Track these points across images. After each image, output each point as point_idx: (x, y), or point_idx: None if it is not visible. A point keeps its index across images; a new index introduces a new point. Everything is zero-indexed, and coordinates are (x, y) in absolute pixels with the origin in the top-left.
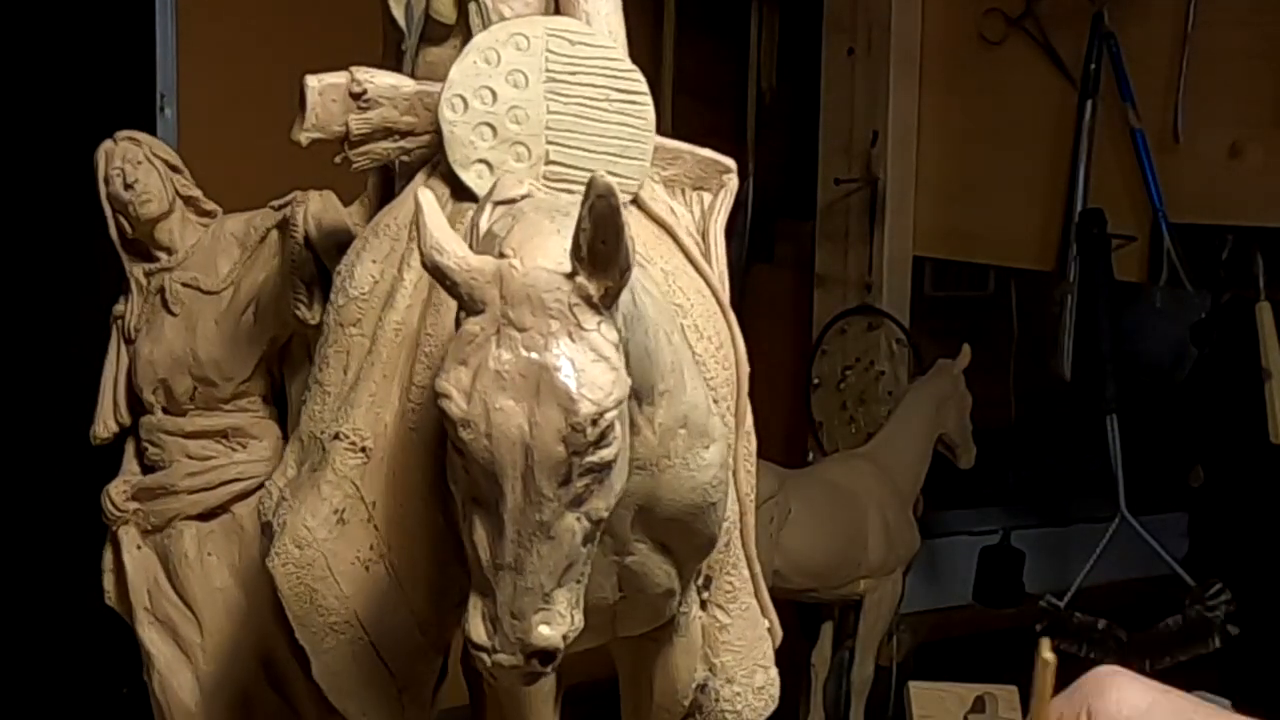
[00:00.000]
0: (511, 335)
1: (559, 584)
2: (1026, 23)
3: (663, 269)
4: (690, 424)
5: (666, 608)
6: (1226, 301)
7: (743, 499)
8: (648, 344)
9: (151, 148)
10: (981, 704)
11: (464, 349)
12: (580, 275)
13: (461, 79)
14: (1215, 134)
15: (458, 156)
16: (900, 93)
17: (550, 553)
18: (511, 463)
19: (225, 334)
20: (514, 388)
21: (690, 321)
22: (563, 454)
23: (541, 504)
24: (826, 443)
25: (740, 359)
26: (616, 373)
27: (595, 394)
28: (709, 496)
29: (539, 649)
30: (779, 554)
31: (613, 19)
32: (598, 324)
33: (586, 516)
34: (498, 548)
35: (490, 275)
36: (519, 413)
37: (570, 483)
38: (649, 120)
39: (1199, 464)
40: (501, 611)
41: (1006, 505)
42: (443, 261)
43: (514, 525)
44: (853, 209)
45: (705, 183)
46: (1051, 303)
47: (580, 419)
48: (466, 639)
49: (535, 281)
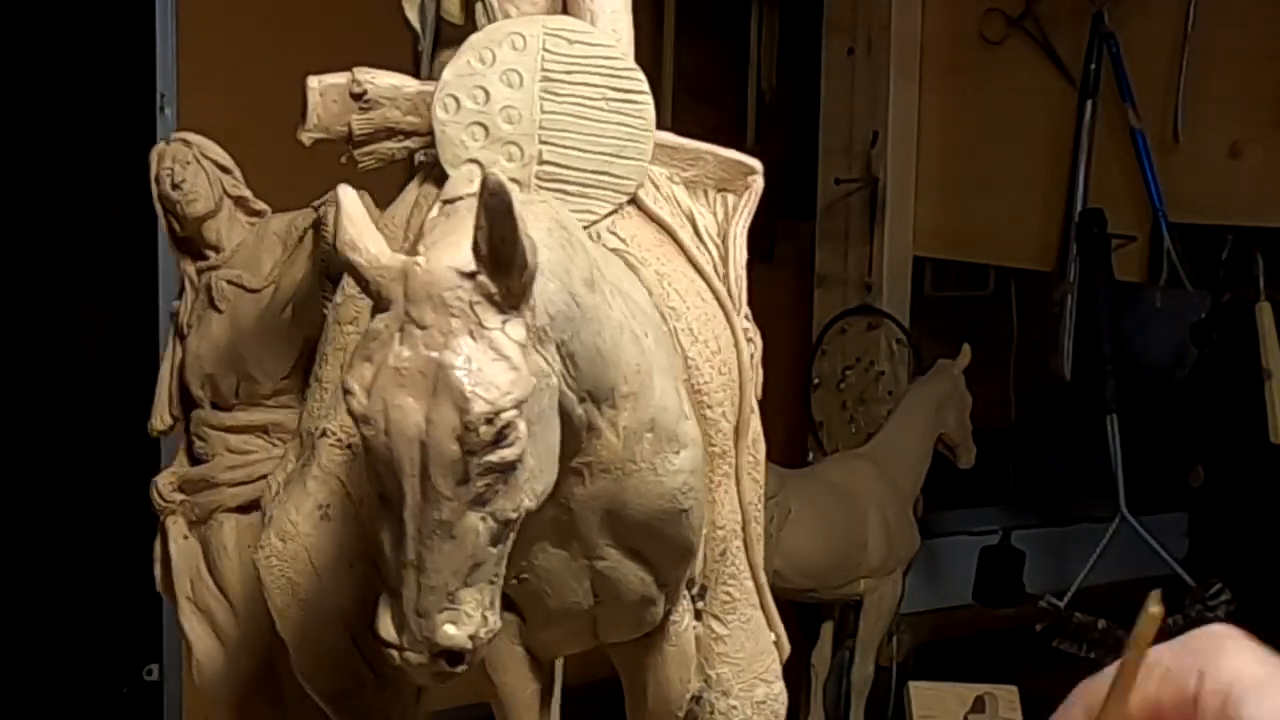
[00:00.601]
0: (413, 333)
1: (465, 584)
2: (1026, 23)
3: (657, 271)
4: (658, 428)
5: (647, 615)
6: (1226, 301)
7: (746, 508)
8: (600, 345)
9: (202, 149)
10: (981, 704)
11: (369, 346)
12: (482, 274)
13: (455, 79)
14: (1215, 134)
15: (449, 156)
16: (900, 93)
17: (453, 551)
18: (410, 460)
19: (266, 331)
20: (413, 385)
21: (684, 325)
22: (457, 452)
23: (440, 502)
24: (826, 443)
25: (744, 365)
26: (517, 373)
27: (490, 393)
28: (679, 503)
29: (445, 648)
30: (779, 554)
31: (619, 19)
32: (502, 323)
33: (492, 517)
34: (402, 546)
35: (396, 273)
36: (417, 410)
37: (469, 482)
38: (647, 120)
39: (1199, 464)
40: (407, 609)
41: (1006, 505)
42: (354, 259)
43: (414, 523)
44: (853, 209)
45: (729, 184)
46: (1051, 303)
47: (473, 417)
48: (376, 635)
49: (437, 280)
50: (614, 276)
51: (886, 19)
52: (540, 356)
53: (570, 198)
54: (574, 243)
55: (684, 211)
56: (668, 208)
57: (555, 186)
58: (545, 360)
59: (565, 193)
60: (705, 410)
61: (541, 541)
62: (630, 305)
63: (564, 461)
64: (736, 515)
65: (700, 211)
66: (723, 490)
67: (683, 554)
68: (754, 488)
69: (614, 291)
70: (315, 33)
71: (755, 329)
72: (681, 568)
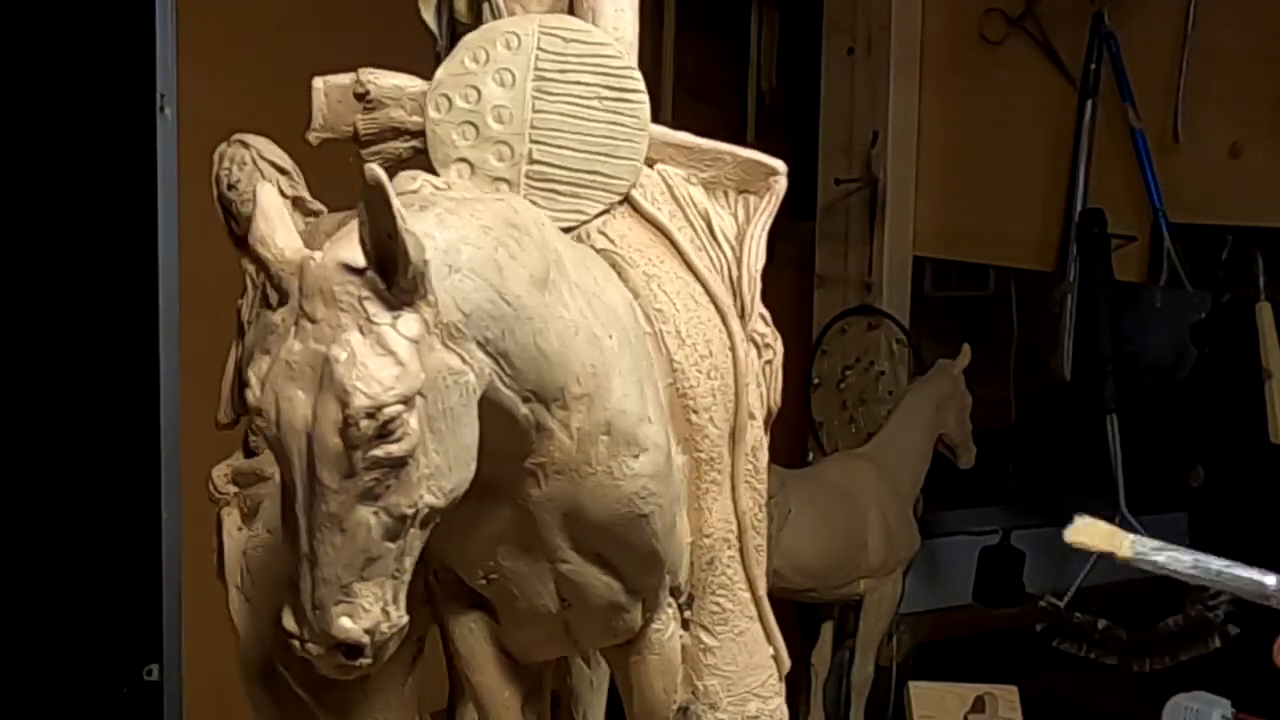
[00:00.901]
0: (305, 327)
1: (361, 578)
2: (1026, 23)
3: (645, 272)
4: (614, 431)
5: (619, 621)
6: (1226, 301)
7: (741, 517)
8: (542, 344)
9: (260, 150)
10: (981, 704)
11: (267, 339)
12: (371, 269)
13: (448, 78)
14: (1215, 134)
15: (439, 155)
16: (900, 93)
17: (345, 545)
18: (298, 452)
19: None
20: (302, 378)
21: (671, 328)
22: (340, 446)
23: (327, 495)
24: (826, 443)
25: (740, 370)
26: (403, 368)
27: (372, 388)
28: (637, 508)
29: (340, 641)
30: (779, 554)
31: (622, 18)
32: (393, 319)
33: (385, 512)
34: (297, 538)
35: (294, 267)
36: (305, 404)
37: (355, 476)
38: (641, 119)
39: (1199, 464)
40: (304, 601)
41: (1006, 505)
42: (261, 253)
43: (304, 515)
44: (853, 209)
45: (750, 185)
46: (1051, 303)
47: (353, 411)
48: (280, 627)
49: (328, 274)
50: (585, 277)
51: (886, 19)
52: (454, 353)
53: (560, 197)
54: (526, 242)
55: (700, 213)
56: (667, 209)
57: (546, 186)
58: (461, 357)
59: (556, 192)
60: (690, 415)
61: (506, 543)
62: (595, 306)
63: (515, 462)
64: (729, 524)
65: (718, 213)
66: (710, 498)
67: (648, 560)
68: (752, 497)
69: (574, 291)
70: (316, 32)
71: (775, 334)
72: (650, 574)
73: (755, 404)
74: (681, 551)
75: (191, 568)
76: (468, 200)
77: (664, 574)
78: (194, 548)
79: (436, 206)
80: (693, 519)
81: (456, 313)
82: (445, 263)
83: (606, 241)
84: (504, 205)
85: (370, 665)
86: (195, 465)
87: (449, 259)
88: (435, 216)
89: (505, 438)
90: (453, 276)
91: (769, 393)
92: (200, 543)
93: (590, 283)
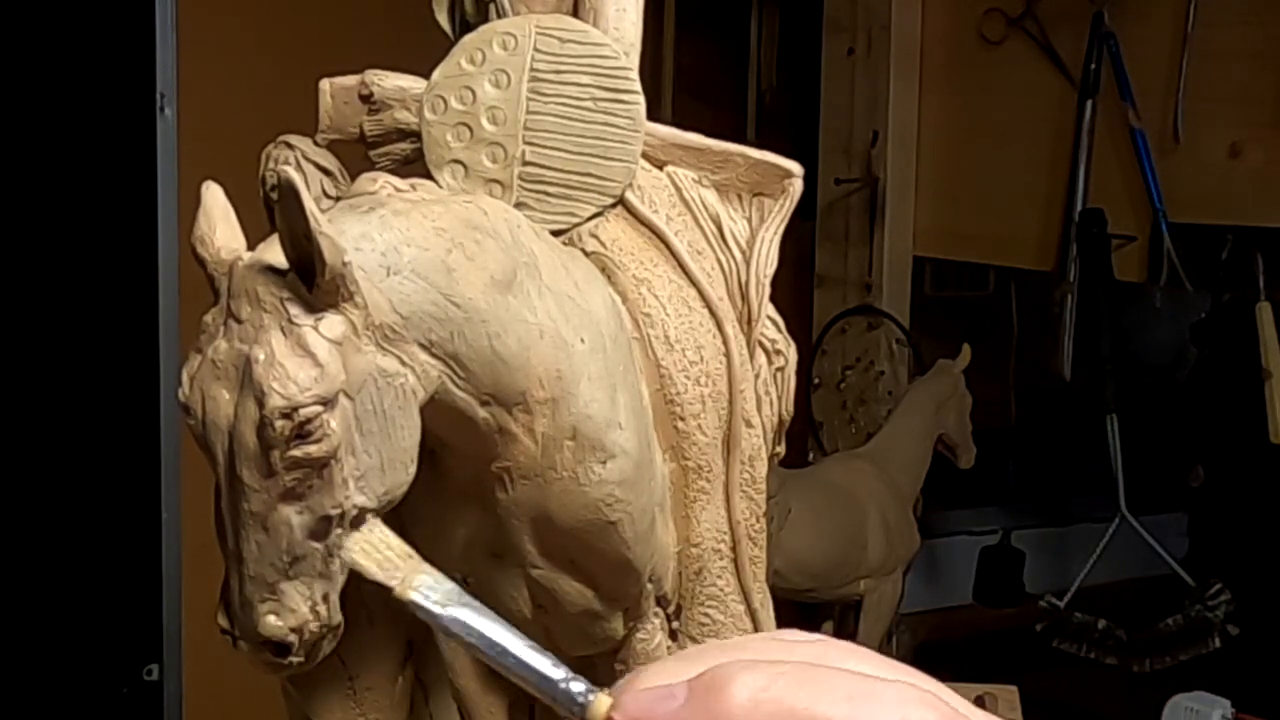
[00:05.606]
0: (232, 326)
1: (287, 577)
2: (1026, 23)
3: (635, 276)
4: (580, 436)
5: (597, 630)
6: (1226, 301)
7: (735, 527)
8: (498, 348)
9: (304, 151)
10: (981, 704)
11: (200, 338)
12: (292, 271)
13: (444, 79)
14: (1215, 134)
15: (433, 157)
16: (900, 93)
17: (268, 544)
18: (222, 450)
19: None
20: (226, 378)
21: (659, 333)
22: (257, 446)
23: (249, 494)
24: (826, 443)
25: (734, 377)
26: (321, 370)
27: (288, 389)
28: (604, 515)
29: (266, 639)
30: (779, 554)
31: (624, 19)
32: (315, 320)
33: (310, 511)
34: (224, 536)
35: (226, 267)
36: (228, 403)
37: (275, 475)
38: (636, 120)
39: (1199, 464)
40: (233, 598)
41: (1006, 505)
42: (199, 252)
43: (228, 513)
44: (853, 209)
45: (764, 188)
46: (1051, 303)
47: (268, 411)
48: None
49: (254, 275)
50: (562, 279)
51: (886, 19)
52: (391, 355)
53: (552, 199)
54: (489, 244)
55: (711, 215)
56: (669, 211)
57: (538, 188)
58: (400, 359)
59: (547, 194)
60: (678, 422)
61: (478, 547)
62: (567, 308)
63: (483, 464)
64: (721, 534)
65: (730, 216)
66: (699, 506)
67: (619, 568)
68: (748, 506)
69: (544, 293)
70: (316, 32)
71: (788, 340)
72: (625, 583)
73: (752, 411)
74: (665, 560)
75: (191, 568)
76: (427, 202)
77: (643, 582)
78: (194, 548)
79: (384, 208)
80: (680, 527)
81: (393, 314)
82: (383, 265)
83: (598, 244)
84: (469, 208)
85: (303, 664)
86: (195, 465)
87: (387, 261)
88: (379, 218)
89: (468, 440)
90: (391, 278)
91: (780, 400)
92: (200, 543)
93: (568, 285)
